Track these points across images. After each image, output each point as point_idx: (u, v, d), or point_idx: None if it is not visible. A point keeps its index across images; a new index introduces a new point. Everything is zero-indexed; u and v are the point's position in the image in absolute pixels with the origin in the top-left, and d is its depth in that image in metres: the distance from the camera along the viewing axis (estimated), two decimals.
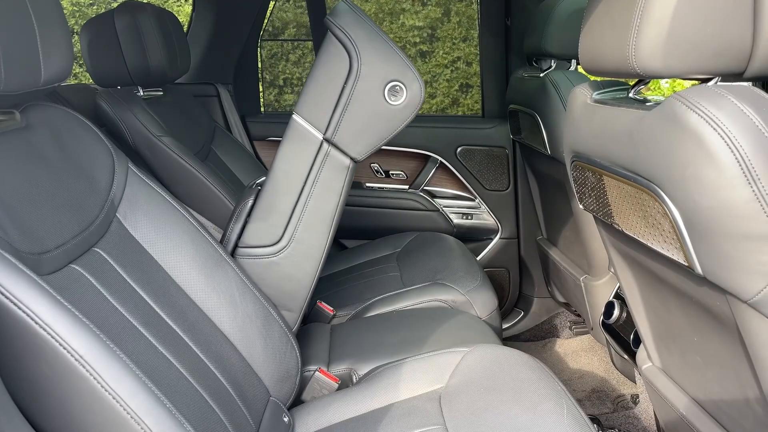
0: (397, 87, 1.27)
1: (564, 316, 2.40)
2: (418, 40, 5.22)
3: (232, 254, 1.32)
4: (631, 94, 1.03)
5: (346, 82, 1.25)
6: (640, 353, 1.34)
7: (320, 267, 1.34)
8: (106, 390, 0.75)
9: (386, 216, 2.33)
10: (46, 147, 1.01)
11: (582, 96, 1.09)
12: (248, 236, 1.32)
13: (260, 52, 2.54)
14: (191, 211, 1.66)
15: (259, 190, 1.34)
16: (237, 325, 1.20)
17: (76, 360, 0.74)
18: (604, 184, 1.01)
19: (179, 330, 1.07)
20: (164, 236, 1.17)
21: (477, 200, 2.33)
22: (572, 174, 1.16)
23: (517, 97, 2.01)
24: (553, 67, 1.94)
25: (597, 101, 1.06)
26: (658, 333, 1.22)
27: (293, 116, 1.32)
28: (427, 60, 5.16)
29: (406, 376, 1.28)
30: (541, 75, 1.87)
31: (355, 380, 1.37)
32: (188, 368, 1.00)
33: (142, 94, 1.77)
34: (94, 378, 0.75)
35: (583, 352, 2.24)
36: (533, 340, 2.38)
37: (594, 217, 1.20)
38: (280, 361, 1.24)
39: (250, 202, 1.33)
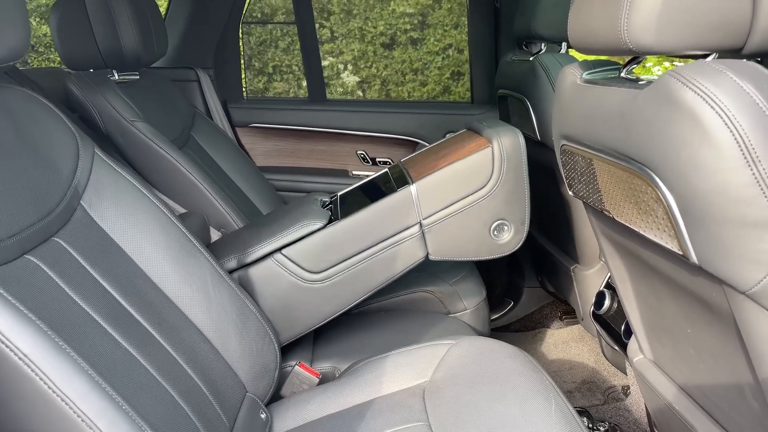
0: (505, 226, 1.31)
1: (554, 306, 2.36)
2: (408, 27, 5.14)
3: (270, 255, 1.29)
4: (623, 74, 0.97)
5: (471, 195, 1.31)
6: (632, 345, 1.30)
7: (333, 317, 1.33)
8: (53, 391, 0.70)
9: None
10: (0, 130, 0.95)
11: (571, 76, 1.04)
12: (296, 251, 1.29)
13: (245, 37, 2.46)
14: (164, 198, 1.60)
15: (331, 217, 1.34)
16: (211, 317, 1.14)
17: (20, 359, 0.69)
18: (594, 168, 0.95)
19: (147, 324, 1.01)
20: (133, 225, 1.11)
21: None
22: (561, 159, 1.10)
23: (506, 82, 1.95)
24: (543, 50, 1.88)
25: (587, 81, 1.00)
26: (649, 324, 1.17)
27: (412, 186, 1.32)
28: (417, 47, 5.09)
29: (389, 370, 1.24)
30: (531, 58, 1.82)
31: (337, 376, 1.32)
32: (155, 365, 0.95)
33: (116, 77, 1.70)
34: (41, 378, 0.69)
35: (574, 342, 2.20)
36: (523, 330, 2.33)
37: (584, 204, 1.15)
38: (257, 356, 1.20)
39: (318, 225, 1.30)
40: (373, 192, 1.44)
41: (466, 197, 1.31)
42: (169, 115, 1.84)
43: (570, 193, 1.14)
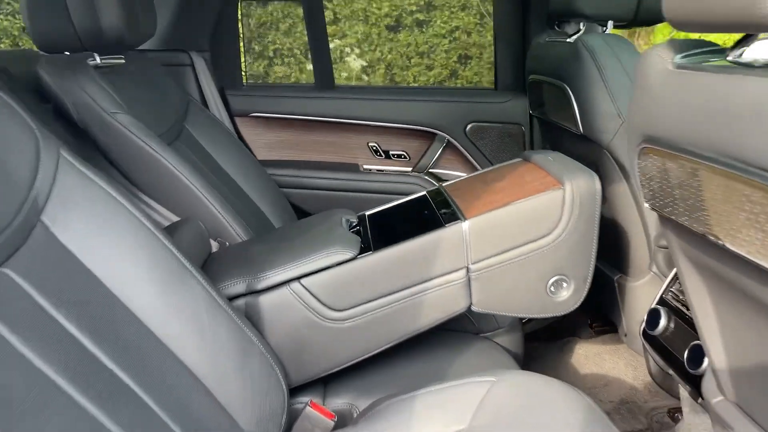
0: (564, 283, 1.16)
1: (582, 313, 2.16)
2: (414, 8, 4.94)
3: (286, 283, 1.09)
4: (730, 57, 0.76)
5: (531, 242, 1.13)
6: (708, 383, 1.09)
7: (349, 364, 1.14)
8: None
9: (385, 203, 2.06)
10: None
11: (659, 61, 0.82)
12: (318, 282, 1.09)
13: (245, 19, 2.23)
14: (153, 203, 1.39)
15: (362, 246, 1.14)
16: (206, 356, 0.94)
17: None
18: (699, 181, 0.74)
19: (124, 374, 0.80)
20: (108, 244, 0.90)
21: None
22: (641, 165, 0.89)
23: (540, 66, 1.73)
24: (582, 31, 1.66)
25: (681, 67, 0.79)
26: (739, 363, 0.97)
27: (464, 223, 1.13)
28: (424, 30, 4.87)
29: (418, 413, 1.03)
30: (570, 39, 1.59)
31: (355, 417, 1.12)
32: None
33: (98, 61, 1.47)
34: None
35: (607, 355, 2.00)
36: (552, 339, 2.13)
37: (662, 216, 0.94)
38: (262, 399, 1.01)
39: (348, 255, 1.10)
40: (410, 219, 1.25)
41: (525, 244, 1.13)
42: (159, 104, 1.62)
43: (646, 205, 0.93)
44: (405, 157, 2.10)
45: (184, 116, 1.73)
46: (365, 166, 2.11)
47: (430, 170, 2.09)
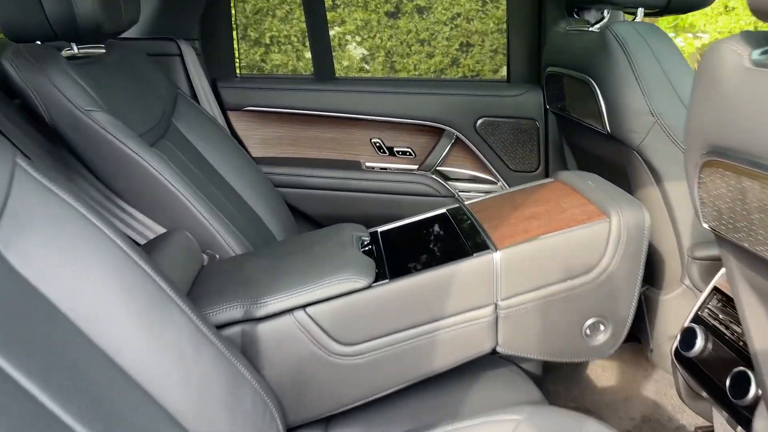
0: (602, 326, 1.05)
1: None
2: None
3: (290, 311, 0.96)
4: None
5: (569, 280, 1.01)
6: (761, 421, 0.97)
7: (356, 404, 1.01)
8: None
9: (389, 203, 1.93)
10: None
11: (734, 57, 0.68)
12: (326, 312, 0.96)
13: (239, 4, 2.08)
14: (134, 212, 1.25)
15: (378, 272, 1.01)
16: (191, 397, 0.82)
17: None
18: None
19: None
20: (73, 270, 0.77)
21: (500, 183, 1.93)
22: (702, 179, 0.75)
23: (560, 58, 1.59)
24: (606, 19, 1.52)
25: (762, 65, 0.65)
26: None
27: (495, 254, 1.00)
28: (424, 16, 4.72)
29: None
30: (594, 28, 1.45)
31: None
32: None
33: (75, 51, 1.33)
34: None
35: (625, 365, 1.87)
36: None
37: (718, 237, 0.81)
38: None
39: (362, 284, 0.97)
40: (431, 242, 1.12)
41: (562, 282, 1.01)
42: (143, 98, 1.47)
43: (705, 226, 0.79)
44: (410, 155, 1.96)
45: (171, 111, 1.59)
46: (368, 164, 1.97)
47: (438, 168, 1.95)
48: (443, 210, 1.22)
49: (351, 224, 1.21)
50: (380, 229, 1.19)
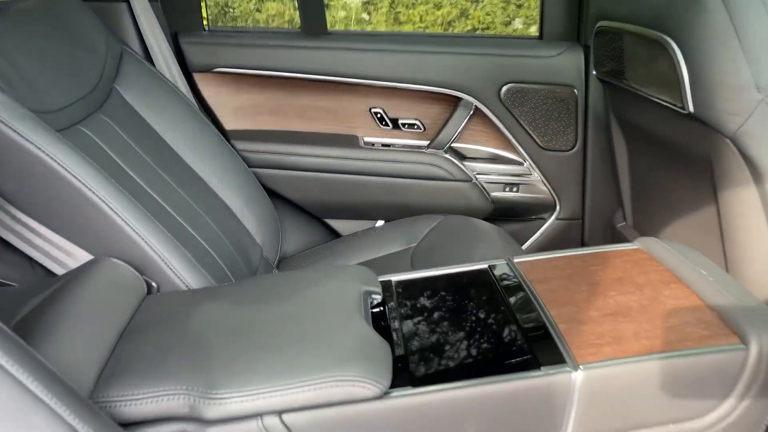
0: None
1: None
2: None
3: (259, 416, 0.66)
4: None
5: (663, 426, 0.71)
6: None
7: None
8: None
9: (394, 188, 1.59)
10: None
11: None
12: (309, 425, 0.67)
13: None
14: (41, 231, 0.90)
15: (397, 370, 0.69)
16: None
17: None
18: None
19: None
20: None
21: (527, 164, 1.59)
22: None
23: (620, 9, 1.22)
24: None
25: None
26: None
27: (575, 373, 0.69)
28: None
29: None
30: None
31: None
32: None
33: None
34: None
35: None
36: None
37: None
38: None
39: (375, 390, 0.66)
40: (469, 321, 0.78)
41: (660, 426, 0.70)
42: (70, 59, 1.12)
43: None
44: (419, 128, 1.60)
45: (114, 74, 1.23)
46: (367, 140, 1.62)
47: (452, 146, 1.60)
48: (483, 265, 0.89)
49: (355, 268, 0.87)
50: (394, 278, 0.86)
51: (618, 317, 0.74)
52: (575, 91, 1.51)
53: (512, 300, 0.80)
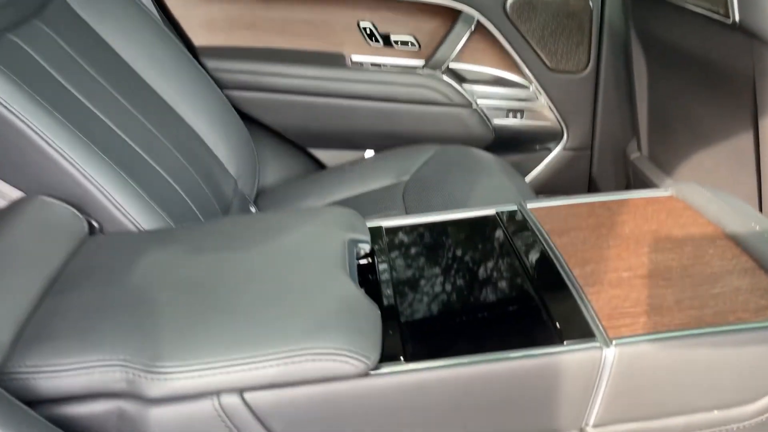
0: None
1: None
2: None
3: (216, 394, 0.54)
4: None
5: (704, 413, 0.59)
6: None
7: None
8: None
9: (385, 114, 1.43)
10: None
11: None
12: (277, 405, 0.54)
13: None
14: None
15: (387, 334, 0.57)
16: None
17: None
18: None
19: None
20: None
21: (533, 87, 1.43)
22: None
23: None
24: None
25: None
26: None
27: (608, 349, 0.56)
28: None
29: None
30: None
31: None
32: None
33: None
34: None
35: None
36: None
37: None
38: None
39: (361, 364, 0.53)
40: (475, 280, 0.64)
41: (704, 411, 0.58)
42: None
43: None
44: (413, 46, 1.43)
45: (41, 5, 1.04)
46: (355, 58, 1.44)
47: (451, 66, 1.43)
48: (491, 210, 0.74)
49: (340, 211, 0.73)
50: (386, 224, 0.72)
51: (656, 280, 0.61)
52: (590, 2, 1.34)
53: (526, 255, 0.66)
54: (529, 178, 1.52)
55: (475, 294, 0.62)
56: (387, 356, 0.54)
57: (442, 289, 0.62)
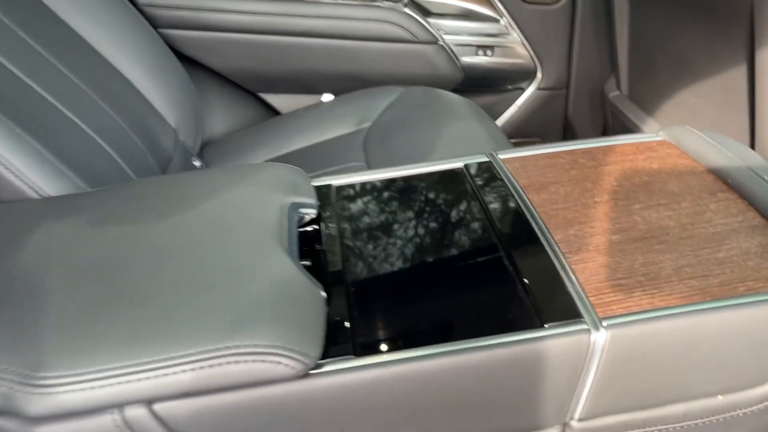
0: None
1: None
2: None
3: (119, 408, 0.43)
4: None
5: (704, 399, 0.50)
6: None
7: None
8: None
9: (343, 53, 1.29)
10: None
11: None
12: (195, 416, 0.43)
13: None
14: None
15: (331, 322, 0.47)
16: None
17: None
18: None
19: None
20: None
21: (504, 21, 1.30)
22: None
23: None
24: None
25: None
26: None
27: (597, 333, 0.46)
28: None
29: None
30: None
31: None
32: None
33: None
34: None
35: None
36: None
37: None
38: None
39: (298, 365, 0.43)
40: (441, 253, 0.54)
41: (706, 397, 0.50)
42: None
43: None
44: None
45: None
46: None
47: None
48: (457, 163, 0.63)
49: (280, 168, 0.61)
50: (336, 182, 0.61)
51: (651, 243, 0.52)
52: None
53: (499, 219, 0.56)
54: (500, 121, 1.42)
55: (440, 270, 0.52)
56: (333, 351, 0.44)
57: (401, 264, 0.52)
